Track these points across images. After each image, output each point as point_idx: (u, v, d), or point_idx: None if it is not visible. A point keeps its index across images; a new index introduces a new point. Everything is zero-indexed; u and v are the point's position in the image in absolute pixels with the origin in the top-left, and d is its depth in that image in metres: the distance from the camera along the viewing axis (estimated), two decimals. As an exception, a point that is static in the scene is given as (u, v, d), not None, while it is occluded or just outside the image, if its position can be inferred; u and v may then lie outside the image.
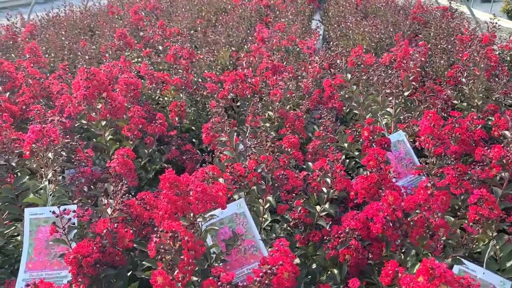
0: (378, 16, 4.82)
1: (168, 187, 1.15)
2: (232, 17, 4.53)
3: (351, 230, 1.23)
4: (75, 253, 1.19)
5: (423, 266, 0.90)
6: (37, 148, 1.40)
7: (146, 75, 2.46)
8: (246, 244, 1.41)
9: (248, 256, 1.40)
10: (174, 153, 2.10)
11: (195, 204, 1.16)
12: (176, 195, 1.15)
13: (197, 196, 1.16)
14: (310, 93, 2.60)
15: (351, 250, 1.24)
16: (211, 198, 1.19)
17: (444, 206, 1.12)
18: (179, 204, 1.15)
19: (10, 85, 2.38)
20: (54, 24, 4.77)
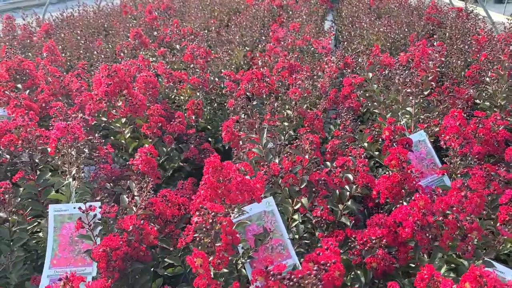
0: (392, 17, 4.79)
1: (211, 172, 1.15)
2: (246, 17, 4.52)
3: (377, 239, 1.22)
4: (104, 246, 1.19)
5: (471, 273, 0.88)
6: (62, 145, 1.40)
7: (164, 74, 2.46)
8: (274, 243, 1.40)
9: (275, 255, 1.40)
10: (193, 151, 2.10)
11: (235, 192, 1.16)
12: (218, 182, 1.15)
13: (237, 185, 1.16)
14: (326, 93, 2.59)
15: (377, 259, 1.23)
16: (249, 189, 1.19)
17: (478, 208, 1.11)
18: (221, 191, 1.15)
19: (30, 83, 2.39)
20: (68, 23, 4.81)
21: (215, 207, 1.15)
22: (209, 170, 1.24)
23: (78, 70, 2.80)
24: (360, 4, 5.28)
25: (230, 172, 1.25)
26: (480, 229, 1.11)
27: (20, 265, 1.39)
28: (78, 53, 3.58)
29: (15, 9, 8.12)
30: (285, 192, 1.54)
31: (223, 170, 1.24)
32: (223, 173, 1.23)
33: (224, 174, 1.23)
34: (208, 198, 1.25)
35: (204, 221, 1.13)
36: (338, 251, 1.12)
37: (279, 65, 2.66)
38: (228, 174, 1.24)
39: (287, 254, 1.40)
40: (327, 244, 1.13)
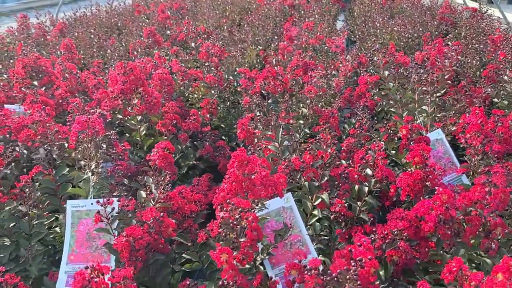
0: (405, 17, 4.77)
1: (237, 166, 1.15)
2: (258, 16, 4.52)
3: (399, 231, 1.20)
4: (127, 236, 1.19)
5: (504, 263, 0.87)
6: (82, 139, 1.41)
7: (179, 72, 2.46)
8: (292, 239, 1.39)
9: (294, 251, 1.39)
10: (208, 149, 2.10)
11: (259, 186, 1.16)
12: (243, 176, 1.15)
13: (262, 179, 1.16)
14: (341, 92, 2.58)
15: (399, 251, 1.21)
16: (272, 184, 1.19)
17: (503, 204, 1.09)
18: (245, 185, 1.15)
19: (46, 80, 2.41)
20: (81, 23, 4.84)
21: (242, 202, 1.15)
22: (235, 164, 1.24)
23: (94, 68, 2.81)
24: (372, 4, 5.25)
25: (255, 166, 1.25)
26: (504, 225, 1.09)
27: (40, 259, 1.40)
28: (91, 51, 3.60)
29: (28, 9, 8.18)
30: (305, 188, 1.53)
31: (249, 164, 1.24)
32: (249, 167, 1.23)
33: (249, 168, 1.23)
34: (232, 192, 1.25)
35: (231, 217, 1.13)
36: (372, 248, 1.11)
37: (293, 64, 2.65)
38: (253, 168, 1.24)
39: (306, 250, 1.39)
40: (360, 240, 1.12)
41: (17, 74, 2.35)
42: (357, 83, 3.07)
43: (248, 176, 1.23)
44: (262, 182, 1.24)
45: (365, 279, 1.03)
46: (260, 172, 1.25)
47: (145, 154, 2.10)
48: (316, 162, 1.52)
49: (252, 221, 1.13)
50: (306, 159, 1.57)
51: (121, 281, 1.09)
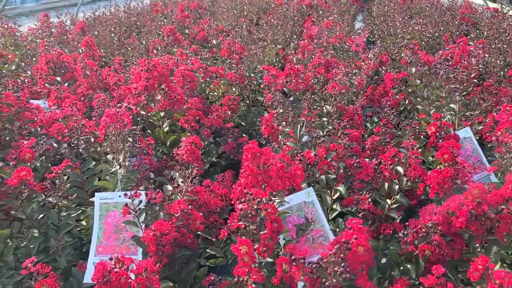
0: (424, 16, 4.72)
1: (251, 159, 1.13)
2: (277, 15, 4.52)
3: (433, 224, 1.18)
4: (154, 231, 1.19)
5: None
6: (110, 132, 1.42)
7: (200, 69, 2.46)
8: (314, 234, 1.38)
9: (317, 246, 1.37)
10: (231, 145, 2.10)
11: (275, 179, 1.14)
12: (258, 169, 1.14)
13: (277, 171, 1.15)
14: (364, 90, 2.56)
15: (433, 246, 1.19)
16: (289, 176, 1.17)
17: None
18: (261, 178, 1.13)
19: (68, 76, 2.43)
20: (101, 22, 4.89)
21: (260, 193, 1.13)
22: (249, 157, 1.22)
23: (115, 66, 2.83)
24: (391, 4, 5.21)
25: (269, 158, 1.23)
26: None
27: (68, 250, 1.41)
28: (112, 49, 3.63)
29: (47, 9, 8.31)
30: (322, 182, 1.51)
31: (262, 156, 1.22)
32: (263, 159, 1.21)
33: (263, 160, 1.21)
34: (249, 185, 1.24)
35: (249, 208, 1.12)
36: (362, 229, 1.08)
37: (315, 62, 2.64)
38: (268, 160, 1.22)
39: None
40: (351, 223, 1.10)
41: (41, 70, 2.38)
42: (378, 82, 3.05)
43: (263, 169, 1.21)
44: (278, 174, 1.22)
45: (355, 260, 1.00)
46: (275, 164, 1.24)
47: (167, 150, 2.10)
48: (330, 154, 1.49)
49: (272, 212, 1.12)
50: (319, 152, 1.55)
51: (143, 272, 1.09)
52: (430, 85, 2.09)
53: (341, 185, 1.40)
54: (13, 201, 1.42)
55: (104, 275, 1.02)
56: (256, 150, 1.15)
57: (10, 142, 1.82)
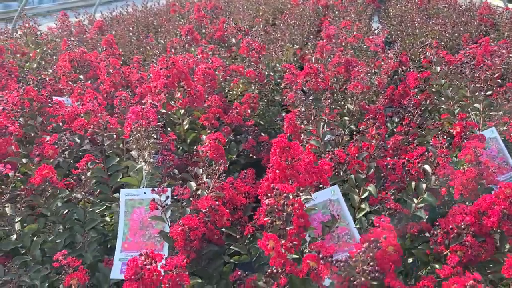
0: (442, 17, 4.68)
1: (279, 153, 1.13)
2: (293, 16, 4.52)
3: (466, 225, 1.16)
4: (183, 226, 1.19)
5: None
6: (136, 129, 1.42)
7: (221, 67, 2.47)
8: (340, 232, 1.37)
9: (342, 244, 1.36)
10: (251, 143, 2.09)
11: (304, 174, 1.14)
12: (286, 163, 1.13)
13: (306, 166, 1.14)
14: (384, 89, 2.54)
15: (465, 247, 1.17)
16: (317, 171, 1.16)
17: None
18: (289, 172, 1.12)
19: (91, 73, 2.46)
20: (118, 21, 4.94)
21: (287, 188, 1.13)
22: (277, 151, 1.22)
23: (133, 64, 2.85)
24: (409, 4, 5.18)
25: (298, 153, 1.22)
26: None
27: (95, 246, 1.42)
28: (131, 48, 3.66)
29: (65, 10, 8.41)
30: (351, 181, 1.50)
31: (291, 151, 1.21)
32: (291, 153, 1.21)
33: (292, 154, 1.20)
34: (276, 180, 1.23)
35: (276, 203, 1.11)
36: (391, 227, 1.07)
37: (334, 61, 2.62)
38: (296, 155, 1.21)
39: (354, 243, 1.36)
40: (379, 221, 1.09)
41: (64, 68, 2.40)
42: (396, 82, 3.02)
43: (291, 163, 1.20)
44: (306, 169, 1.21)
45: (385, 260, 0.99)
46: (303, 159, 1.23)
47: (188, 147, 2.11)
48: (362, 154, 1.49)
49: (298, 208, 1.11)
50: (351, 151, 1.54)
51: (173, 269, 1.09)
52: (454, 85, 2.06)
53: (371, 185, 1.38)
54: (37, 198, 1.44)
55: (137, 272, 1.02)
56: (285, 144, 1.14)
57: (33, 138, 1.84)
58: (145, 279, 1.03)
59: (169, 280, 1.06)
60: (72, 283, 1.18)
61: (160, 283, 1.07)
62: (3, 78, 2.30)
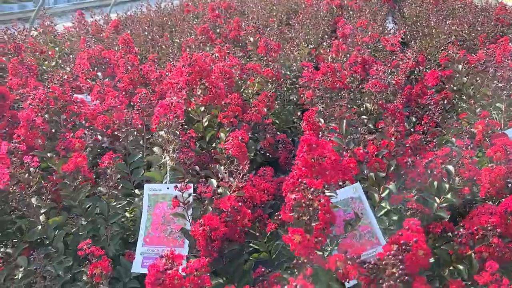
0: (457, 17, 4.64)
1: (306, 150, 1.13)
2: (309, 16, 4.52)
3: (493, 227, 1.15)
4: (204, 225, 1.19)
5: None
6: (162, 123, 1.43)
7: (238, 65, 2.48)
8: (362, 230, 1.36)
9: (364, 242, 1.36)
10: (270, 141, 2.10)
11: (330, 171, 1.14)
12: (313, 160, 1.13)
13: (332, 164, 1.14)
14: (402, 88, 2.52)
15: (491, 248, 1.16)
16: (342, 169, 1.16)
17: None
18: (315, 169, 1.12)
19: (109, 71, 2.48)
20: (133, 21, 4.97)
21: (314, 183, 1.13)
22: (304, 148, 1.22)
23: (149, 63, 2.87)
24: (424, 4, 5.15)
25: (325, 150, 1.22)
26: None
27: (117, 239, 1.43)
28: (146, 47, 3.69)
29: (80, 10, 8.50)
30: (371, 179, 1.50)
31: (319, 148, 1.21)
32: (319, 151, 1.21)
33: (319, 152, 1.20)
34: (302, 177, 1.23)
35: (303, 197, 1.11)
36: (421, 230, 1.07)
37: (351, 60, 2.62)
38: (323, 152, 1.21)
39: (377, 242, 1.36)
40: (408, 224, 1.08)
41: (83, 66, 2.43)
42: (412, 82, 3.01)
43: (318, 161, 1.20)
44: (332, 166, 1.21)
45: (414, 263, 0.99)
46: (330, 157, 1.23)
47: (206, 145, 2.12)
48: (381, 151, 1.48)
49: (325, 204, 1.11)
50: (370, 149, 1.53)
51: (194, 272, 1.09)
52: (476, 83, 2.04)
53: (392, 184, 1.38)
54: (67, 187, 1.45)
55: (158, 277, 1.02)
56: (313, 141, 1.14)
57: (56, 134, 1.86)
58: (166, 284, 1.03)
59: (190, 283, 1.06)
60: (96, 272, 1.20)
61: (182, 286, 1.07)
62: (23, 75, 2.33)
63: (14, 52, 2.60)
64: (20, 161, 1.44)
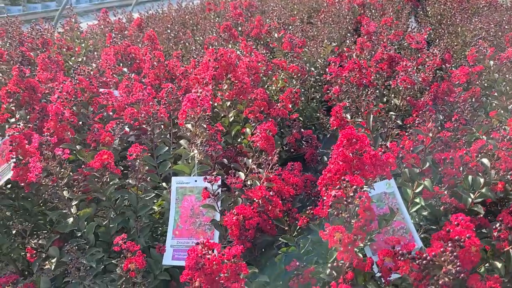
0: (485, 15, 4.56)
1: (346, 145, 1.11)
2: (330, 14, 4.50)
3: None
4: (237, 215, 1.19)
5: None
6: (190, 116, 1.43)
7: (263, 61, 2.47)
8: (395, 226, 1.34)
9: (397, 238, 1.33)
10: (296, 136, 2.08)
11: (369, 166, 1.11)
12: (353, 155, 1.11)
13: (371, 159, 1.12)
14: (429, 85, 2.48)
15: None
16: (381, 164, 1.14)
17: None
18: (355, 164, 1.10)
19: (135, 66, 2.50)
20: (154, 20, 5.02)
21: (356, 180, 1.11)
22: (344, 142, 1.20)
23: (173, 59, 2.88)
24: (448, 3, 5.07)
25: (364, 145, 1.20)
26: None
27: (147, 231, 1.43)
28: (169, 45, 3.71)
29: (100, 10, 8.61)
30: (404, 175, 1.46)
31: (358, 143, 1.19)
32: (358, 145, 1.19)
33: (358, 147, 1.18)
34: (340, 172, 1.21)
35: (345, 194, 1.09)
36: (471, 226, 1.04)
37: (377, 57, 2.58)
38: (363, 147, 1.19)
39: (410, 238, 1.33)
40: (457, 220, 1.05)
41: (110, 61, 2.45)
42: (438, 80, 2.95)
43: (357, 155, 1.18)
44: (372, 161, 1.19)
45: (466, 260, 0.97)
46: (369, 151, 1.21)
47: (231, 140, 2.11)
48: (417, 147, 1.45)
49: (365, 201, 1.09)
50: (405, 144, 1.50)
51: (232, 259, 1.08)
52: (507, 79, 2.00)
53: (428, 179, 1.35)
54: (94, 183, 1.46)
55: (198, 261, 1.02)
56: (352, 135, 1.12)
57: (84, 126, 1.88)
58: (205, 268, 1.03)
59: (228, 270, 1.06)
60: (131, 267, 1.20)
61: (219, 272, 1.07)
62: (52, 70, 2.36)
63: (42, 47, 2.63)
64: (51, 153, 1.46)
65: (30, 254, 1.34)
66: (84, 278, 1.21)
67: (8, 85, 1.85)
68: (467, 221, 1.01)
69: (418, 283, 0.94)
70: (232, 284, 1.05)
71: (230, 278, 1.05)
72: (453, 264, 0.92)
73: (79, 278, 1.20)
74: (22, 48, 2.60)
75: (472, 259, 0.96)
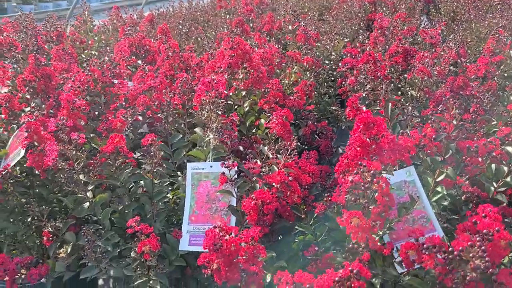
0: (497, 12, 4.51)
1: (363, 129, 1.08)
2: (342, 11, 4.48)
3: None
4: (256, 200, 1.17)
5: None
6: (205, 101, 1.42)
7: (277, 53, 2.45)
8: (415, 215, 1.31)
9: (417, 227, 1.30)
10: (312, 127, 2.06)
11: (387, 151, 1.09)
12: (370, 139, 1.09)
13: (389, 143, 1.09)
14: (445, 79, 2.44)
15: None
16: (400, 149, 1.11)
17: None
18: (372, 149, 1.08)
19: (149, 58, 2.49)
20: (165, 17, 5.03)
21: (374, 164, 1.09)
22: (360, 127, 1.18)
23: (186, 52, 2.87)
24: (461, 0, 5.03)
25: (382, 129, 1.18)
26: None
27: (163, 216, 1.42)
28: (180, 40, 3.71)
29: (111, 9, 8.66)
30: (425, 163, 1.44)
31: (375, 127, 1.17)
32: (375, 130, 1.16)
33: (376, 131, 1.16)
34: (357, 158, 1.19)
35: (362, 180, 1.07)
36: (499, 218, 1.00)
37: (392, 50, 2.55)
38: (381, 131, 1.17)
39: (431, 227, 1.30)
40: (484, 211, 1.02)
41: (124, 52, 2.45)
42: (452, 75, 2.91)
43: (374, 140, 1.16)
44: (390, 146, 1.17)
45: (495, 254, 0.93)
46: (387, 136, 1.18)
47: (246, 130, 2.09)
48: (440, 135, 1.42)
49: (383, 186, 1.07)
50: (427, 132, 1.47)
51: (249, 241, 1.07)
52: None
53: (450, 168, 1.32)
54: (108, 167, 1.45)
55: (216, 242, 1.01)
56: (369, 120, 1.10)
57: (98, 115, 1.87)
58: (223, 249, 1.01)
59: (245, 252, 1.04)
60: (145, 249, 1.19)
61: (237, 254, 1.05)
62: (66, 61, 2.36)
63: (56, 40, 2.64)
64: (67, 137, 1.46)
65: (47, 237, 1.33)
66: (100, 260, 1.19)
67: (24, 73, 1.85)
68: (495, 213, 0.97)
69: (443, 277, 0.91)
70: (250, 267, 1.03)
71: (249, 261, 1.04)
72: (481, 259, 0.88)
73: (95, 260, 1.18)
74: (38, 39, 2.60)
75: (500, 253, 0.92)
